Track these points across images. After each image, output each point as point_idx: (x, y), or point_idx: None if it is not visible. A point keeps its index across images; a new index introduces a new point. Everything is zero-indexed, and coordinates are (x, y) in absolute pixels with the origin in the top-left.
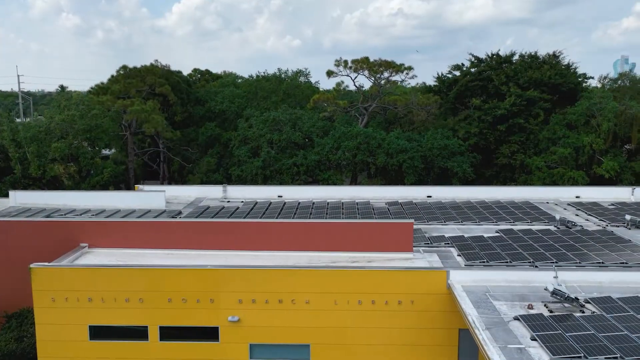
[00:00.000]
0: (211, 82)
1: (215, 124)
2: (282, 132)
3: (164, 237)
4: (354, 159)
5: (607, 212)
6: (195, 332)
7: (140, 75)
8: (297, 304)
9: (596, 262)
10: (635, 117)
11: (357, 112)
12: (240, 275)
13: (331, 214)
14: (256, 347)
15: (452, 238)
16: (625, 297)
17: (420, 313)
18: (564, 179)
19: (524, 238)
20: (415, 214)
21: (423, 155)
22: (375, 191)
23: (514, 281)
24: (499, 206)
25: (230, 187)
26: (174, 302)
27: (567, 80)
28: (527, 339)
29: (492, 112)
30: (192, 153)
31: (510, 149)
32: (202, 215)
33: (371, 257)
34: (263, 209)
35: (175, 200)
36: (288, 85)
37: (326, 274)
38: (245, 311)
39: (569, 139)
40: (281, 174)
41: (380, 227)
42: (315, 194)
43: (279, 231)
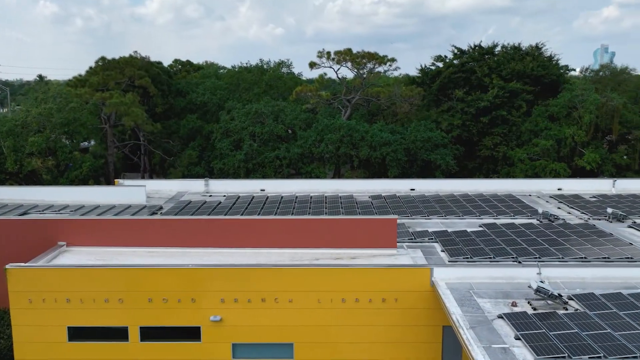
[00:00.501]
0: (192, 73)
1: (196, 116)
2: (265, 125)
3: (145, 235)
4: (337, 152)
5: (589, 205)
6: (177, 332)
7: (119, 67)
8: (280, 302)
9: (579, 258)
10: (616, 109)
11: (340, 104)
12: (222, 275)
13: (314, 209)
14: (239, 347)
15: (435, 233)
16: (608, 294)
17: (404, 310)
18: (546, 171)
19: (507, 232)
20: (398, 208)
21: (406, 147)
22: (358, 185)
23: (497, 278)
24: (482, 199)
25: (212, 180)
26: (155, 302)
27: (549, 72)
28: (511, 338)
29: (475, 104)
30: (174, 145)
31: (493, 141)
32: (184, 210)
33: (355, 253)
34: (245, 204)
35: (157, 195)
36: (270, 76)
37: (309, 272)
38: (227, 310)
39: (551, 131)
40: (264, 167)
41: (364, 223)
42: (298, 188)
43: (262, 228)
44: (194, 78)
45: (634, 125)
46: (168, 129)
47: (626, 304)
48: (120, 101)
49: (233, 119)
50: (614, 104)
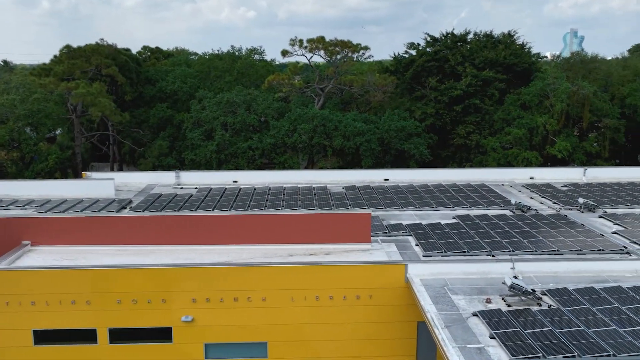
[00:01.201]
0: (162, 60)
1: (167, 105)
2: (237, 115)
3: (113, 233)
4: (310, 142)
5: (561, 195)
6: (148, 333)
7: (85, 55)
8: (253, 301)
9: (552, 250)
10: (586, 98)
11: (314, 93)
12: (193, 274)
13: (288, 200)
14: (212, 347)
15: (409, 226)
16: (581, 288)
17: (378, 307)
18: (518, 160)
19: (480, 225)
20: (372, 199)
21: (380, 137)
22: (332, 175)
23: (472, 273)
24: (456, 190)
25: (184, 172)
26: (124, 303)
27: (521, 60)
28: (486, 337)
29: (448, 93)
30: (144, 135)
31: (466, 130)
32: (154, 204)
33: (329, 248)
34: (218, 196)
35: (126, 188)
36: (242, 64)
37: (282, 270)
38: (199, 310)
39: (523, 119)
40: (236, 158)
41: (338, 218)
42: (271, 179)
43: (234, 224)
44: (163, 66)
45: (604, 113)
46: (137, 118)
47: (598, 299)
48: (87, 91)
49: (204, 109)
50: (585, 93)
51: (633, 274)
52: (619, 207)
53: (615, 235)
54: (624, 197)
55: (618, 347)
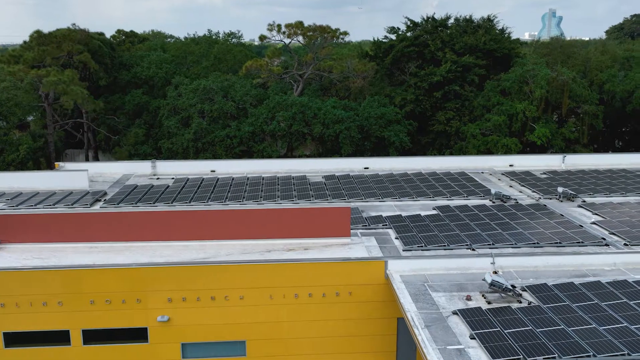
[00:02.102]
0: (137, 45)
1: (142, 91)
2: (214, 102)
3: (86, 230)
4: (289, 130)
5: (540, 183)
6: (123, 333)
7: (56, 41)
8: (231, 300)
9: (531, 243)
10: (566, 84)
11: (292, 79)
12: (169, 274)
13: (266, 191)
14: (189, 346)
15: (389, 218)
16: (560, 284)
17: (358, 304)
18: (497, 146)
19: (460, 216)
20: (352, 189)
21: (360, 124)
22: (311, 164)
23: (452, 269)
24: (436, 178)
25: (160, 162)
26: (97, 304)
27: (501, 46)
28: (466, 337)
29: (428, 79)
30: (119, 122)
31: (446, 116)
32: (130, 196)
33: (308, 243)
34: (195, 187)
35: (100, 178)
36: (219, 49)
37: (260, 268)
38: (175, 310)
39: (503, 106)
40: (214, 146)
41: (317, 212)
42: (249, 168)
43: (211, 220)
44: (138, 50)
45: (583, 99)
46: (112, 104)
47: (578, 295)
48: (58, 79)
49: (180, 96)
50: (564, 79)
51: (612, 267)
52: (597, 195)
53: (594, 226)
54: (602, 184)
55: (598, 346)
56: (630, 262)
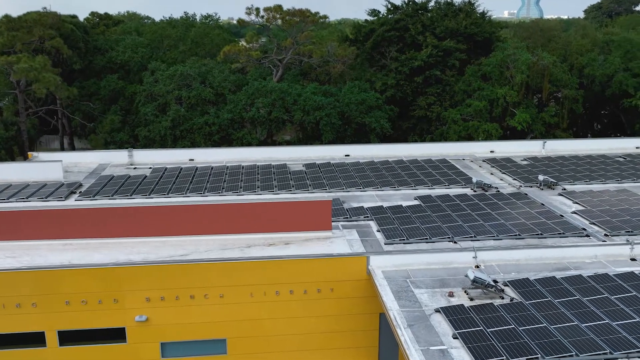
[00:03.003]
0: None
1: (117, 76)
2: (192, 88)
3: (60, 226)
4: (269, 117)
5: (521, 170)
6: (100, 334)
7: (27, 26)
8: (211, 298)
9: (513, 235)
10: (546, 68)
11: (272, 64)
12: (146, 273)
13: (246, 181)
14: (168, 345)
15: (371, 209)
16: (542, 279)
17: (340, 300)
18: (478, 132)
19: (442, 206)
20: (333, 178)
21: (340, 111)
22: (291, 152)
23: (434, 263)
24: (417, 166)
25: (137, 151)
26: (73, 305)
27: (482, 30)
28: (449, 337)
29: (408, 64)
30: (94, 108)
31: (427, 101)
32: (106, 187)
33: (289, 237)
34: (173, 177)
35: (76, 169)
36: (197, 33)
37: (240, 266)
38: (154, 309)
39: (484, 91)
40: (192, 134)
41: (298, 206)
42: (228, 157)
43: (189, 215)
44: (113, 34)
45: (563, 84)
46: (87, 90)
47: (560, 290)
48: (30, 66)
49: (157, 82)
50: (545, 63)
51: (592, 260)
52: (578, 183)
53: (575, 215)
54: (582, 172)
55: (580, 345)
56: (610, 254)
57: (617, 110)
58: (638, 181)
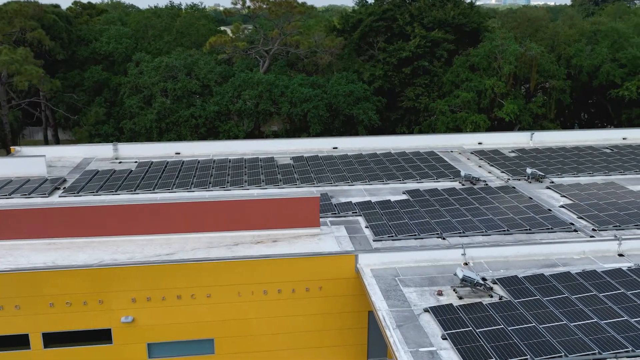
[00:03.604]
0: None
1: (102, 67)
2: (177, 80)
3: (43, 225)
4: (256, 109)
5: (509, 163)
6: (86, 335)
7: (7, 16)
8: (198, 298)
9: (502, 230)
10: (534, 59)
11: (258, 54)
12: (132, 274)
13: (233, 175)
14: (155, 346)
15: (359, 205)
16: (530, 276)
17: (329, 298)
18: (466, 123)
19: (430, 201)
20: (321, 172)
21: (328, 102)
22: (279, 145)
23: (423, 261)
24: (405, 159)
25: (122, 145)
26: (57, 307)
27: (470, 20)
28: (438, 338)
29: (396, 54)
30: (78, 100)
31: (415, 92)
32: (91, 183)
33: (277, 235)
34: (159, 172)
35: (59, 163)
36: (182, 23)
37: (227, 266)
38: (140, 310)
39: (472, 82)
40: (178, 127)
41: (286, 203)
42: (215, 150)
43: (176, 213)
44: (97, 23)
45: (551, 74)
46: (71, 81)
47: (548, 287)
48: (10, 58)
49: (142, 73)
50: (533, 54)
51: (581, 256)
52: (565, 175)
53: (563, 209)
54: (569, 164)
55: (569, 345)
56: (598, 250)
57: (604, 100)
58: (625, 173)
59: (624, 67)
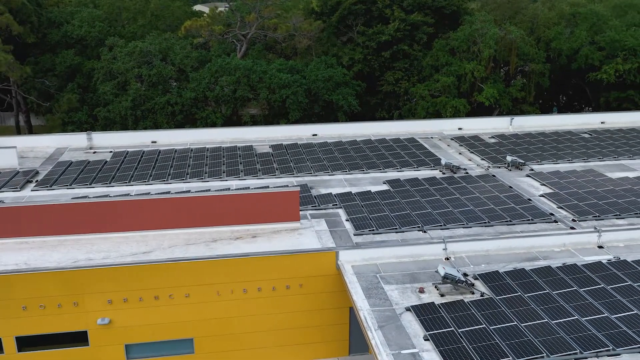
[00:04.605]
0: None
1: (74, 52)
2: (152, 66)
3: (14, 224)
4: (233, 95)
5: (489, 150)
6: (61, 338)
7: None
8: (176, 298)
9: (482, 222)
10: (514, 43)
11: (235, 38)
12: (107, 275)
13: (211, 166)
14: (133, 347)
15: (339, 196)
16: (512, 271)
17: (310, 296)
18: (446, 108)
19: (411, 191)
20: (300, 161)
21: (307, 88)
22: (258, 132)
23: (404, 256)
24: (385, 146)
25: (96, 134)
26: (30, 310)
27: (450, 2)
28: (420, 339)
29: (376, 38)
30: (50, 86)
31: (395, 76)
32: (64, 175)
33: (256, 230)
34: (135, 162)
35: (32, 154)
36: (156, 5)
37: (205, 265)
38: (117, 311)
39: (452, 66)
40: (154, 114)
41: (265, 198)
42: (192, 138)
43: (152, 209)
44: (68, 5)
45: (530, 58)
46: (42, 66)
47: (529, 283)
48: None
49: (115, 59)
50: (512, 37)
51: (561, 249)
52: (545, 162)
53: (543, 199)
54: (549, 150)
55: (551, 345)
56: (578, 242)
57: (583, 83)
58: (604, 160)
59: (602, 50)
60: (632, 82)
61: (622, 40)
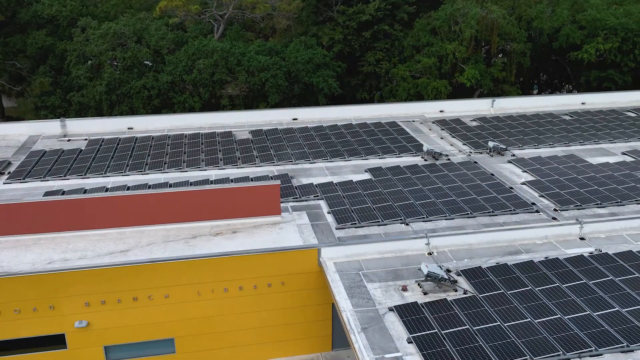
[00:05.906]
0: None
1: (45, 32)
2: (127, 48)
3: None
4: (211, 79)
5: (471, 134)
6: (38, 342)
7: None
8: (155, 299)
9: (465, 214)
10: (495, 22)
11: (212, 19)
12: (83, 278)
13: (190, 154)
14: (113, 348)
15: (321, 187)
16: (494, 267)
17: (292, 293)
18: (428, 89)
19: (393, 181)
20: (281, 148)
21: (287, 70)
22: (237, 117)
23: (387, 252)
24: (367, 131)
25: (70, 120)
26: (4, 314)
27: None
28: (403, 341)
29: (356, 18)
30: (21, 68)
31: (375, 57)
32: (37, 166)
33: (236, 225)
34: (111, 151)
35: (3, 142)
36: None
37: (185, 266)
38: (94, 314)
39: (433, 47)
40: (130, 98)
41: (245, 192)
42: (170, 124)
43: (129, 205)
44: None
45: (512, 37)
46: (12, 47)
47: (512, 280)
48: None
49: (88, 41)
50: (494, 17)
51: (543, 241)
52: (526, 147)
53: (525, 187)
54: (530, 134)
55: (534, 346)
56: (560, 235)
57: (564, 62)
58: (585, 144)
59: (583, 29)
60: (612, 62)
61: (603, 19)
